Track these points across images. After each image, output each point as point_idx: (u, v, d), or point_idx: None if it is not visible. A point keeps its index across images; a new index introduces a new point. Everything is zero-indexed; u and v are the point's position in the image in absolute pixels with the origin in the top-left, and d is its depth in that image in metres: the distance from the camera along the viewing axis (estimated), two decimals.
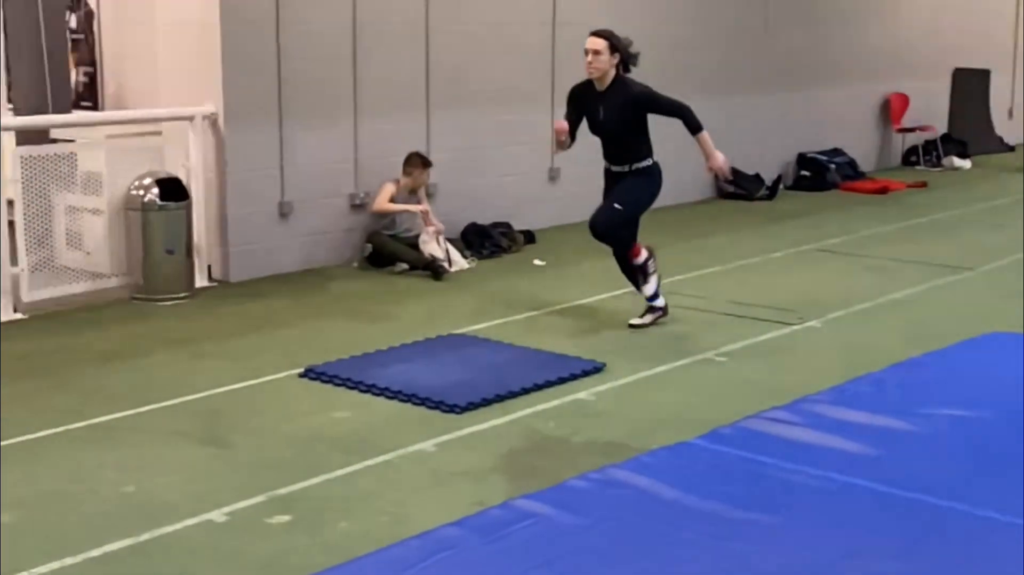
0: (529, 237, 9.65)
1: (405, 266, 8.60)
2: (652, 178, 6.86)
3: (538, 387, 5.94)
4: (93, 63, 9.13)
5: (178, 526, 4.32)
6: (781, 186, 12.55)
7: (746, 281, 8.49)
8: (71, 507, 4.51)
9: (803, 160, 13.07)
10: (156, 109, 8.39)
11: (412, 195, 8.93)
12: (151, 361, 6.45)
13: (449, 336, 6.86)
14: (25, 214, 7.41)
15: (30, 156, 7.52)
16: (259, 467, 4.93)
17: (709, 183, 12.09)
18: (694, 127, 6.71)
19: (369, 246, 8.73)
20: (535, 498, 4.30)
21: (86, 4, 9.10)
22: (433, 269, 8.42)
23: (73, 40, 9.06)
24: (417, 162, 8.85)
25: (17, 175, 7.34)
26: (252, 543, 4.21)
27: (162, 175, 7.87)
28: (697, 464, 4.72)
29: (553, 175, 10.44)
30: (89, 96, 9.14)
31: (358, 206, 8.93)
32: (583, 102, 6.78)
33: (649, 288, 7.07)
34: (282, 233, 8.60)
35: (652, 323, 7.09)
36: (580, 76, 10.42)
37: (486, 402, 5.70)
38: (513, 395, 5.82)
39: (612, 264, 8.93)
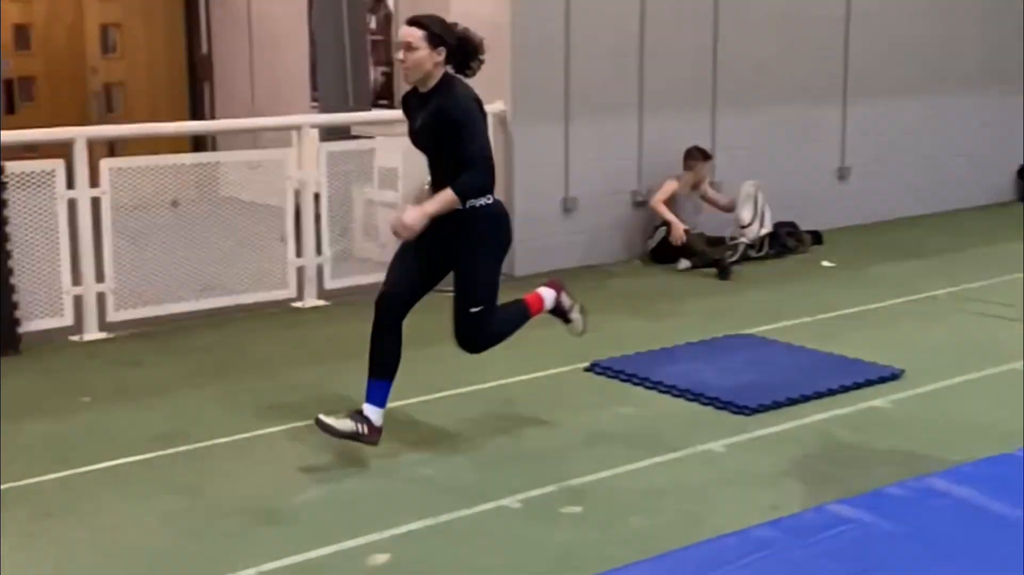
0: (816, 237, 9.37)
1: (687, 264, 8.52)
2: (494, 229, 4.94)
3: (831, 392, 5.74)
4: (390, 63, 9.50)
5: (475, 510, 4.42)
6: None
7: None
8: (373, 485, 4.70)
9: None
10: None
11: (695, 190, 8.87)
12: (442, 350, 6.56)
13: (736, 336, 6.74)
14: (329, 207, 7.79)
15: (333, 152, 7.90)
16: (549, 457, 4.98)
17: (1010, 184, 11.38)
18: (461, 186, 4.70)
19: (663, 229, 8.64)
20: (851, 503, 4.16)
21: (385, 6, 9.49)
22: (720, 268, 8.30)
23: (372, 41, 9.48)
24: (698, 155, 8.78)
25: (322, 170, 7.73)
26: (546, 532, 4.25)
27: None
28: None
29: (843, 174, 10.09)
30: (386, 94, 9.53)
31: (640, 203, 8.91)
32: (412, 110, 4.95)
33: (577, 324, 5.53)
34: (565, 229, 8.69)
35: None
36: (873, 72, 10.13)
37: (777, 405, 5.56)
38: (805, 399, 5.65)
39: (908, 268, 8.60)
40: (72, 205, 6.75)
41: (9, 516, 4.40)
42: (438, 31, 4.80)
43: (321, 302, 7.64)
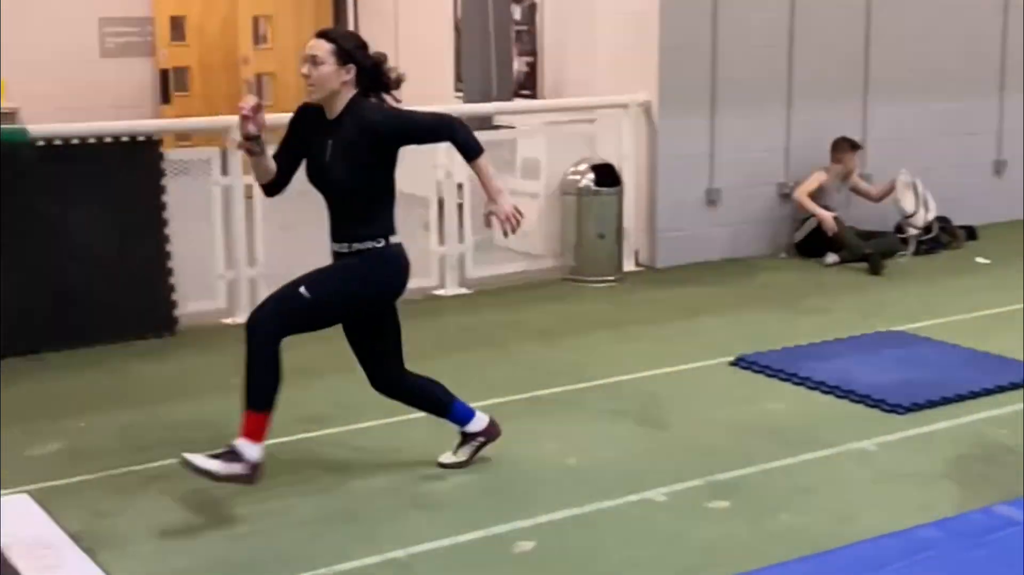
0: (970, 233, 9.07)
1: (835, 258, 8.33)
2: (374, 266, 4.44)
3: (987, 392, 5.55)
4: (534, 53, 9.53)
5: (619, 501, 4.40)
6: None
7: None
8: (518, 474, 4.70)
9: None
10: (592, 97, 8.62)
11: (844, 182, 8.68)
12: (585, 340, 6.64)
13: (887, 333, 6.57)
14: (471, 196, 7.83)
15: None
16: (695, 451, 4.92)
17: None
18: (469, 150, 4.35)
19: (811, 222, 8.44)
20: (1018, 506, 4.02)
21: None
22: (871, 262, 8.08)
23: (516, 31, 9.51)
24: (845, 147, 8.59)
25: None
26: (692, 526, 4.21)
27: (596, 161, 8.08)
28: None
29: (999, 168, 9.74)
30: (529, 84, 9.55)
31: (787, 195, 8.75)
32: (308, 133, 4.43)
33: (214, 465, 4.23)
34: (709, 220, 8.58)
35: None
36: None
37: (931, 404, 5.40)
38: (960, 398, 5.47)
39: None
40: (226, 192, 6.93)
41: (165, 490, 4.55)
42: (349, 47, 4.32)
43: (463, 290, 7.70)
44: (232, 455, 4.22)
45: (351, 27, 11.90)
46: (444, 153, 7.67)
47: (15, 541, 4.03)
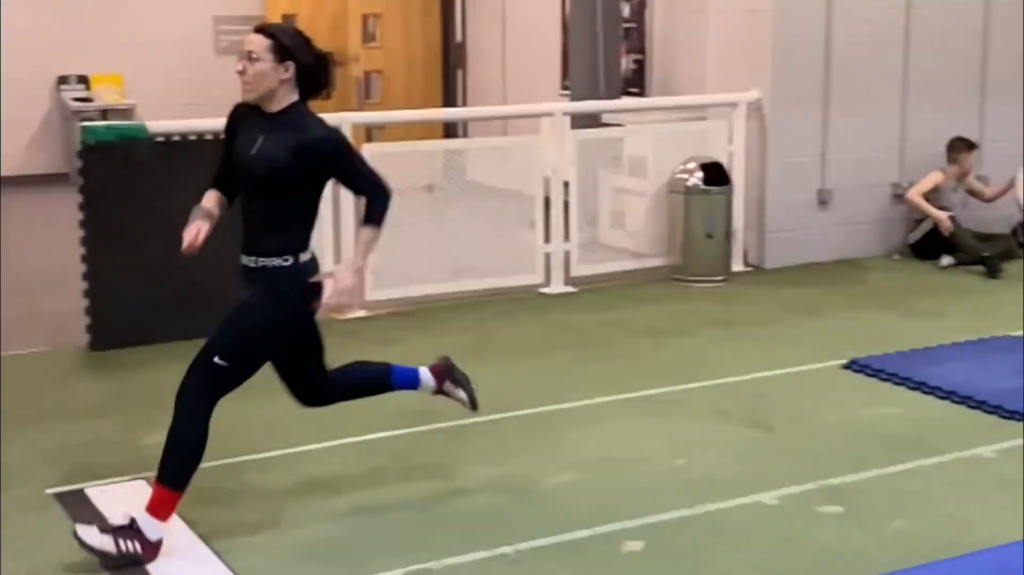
0: None
1: (951, 260, 8.13)
2: (278, 295, 4.08)
3: None
4: (642, 50, 9.47)
5: (729, 503, 4.34)
6: None
7: None
8: (625, 473, 4.67)
9: None
10: (702, 95, 8.54)
11: (960, 183, 8.46)
12: (692, 340, 6.58)
13: (1004, 338, 6.38)
14: (578, 194, 7.82)
15: (583, 139, 7.92)
16: (807, 455, 4.84)
17: None
18: (379, 214, 4.08)
19: (927, 223, 8.24)
20: None
21: None
22: (988, 265, 7.86)
23: (625, 29, 9.45)
24: (961, 147, 8.38)
25: (573, 157, 7.76)
26: (804, 530, 4.13)
27: (705, 159, 7.99)
28: None
29: None
30: (637, 82, 9.50)
31: (900, 196, 8.55)
32: (243, 129, 4.08)
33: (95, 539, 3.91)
34: (820, 221, 8.44)
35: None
36: None
37: None
38: None
39: None
40: (336, 187, 6.97)
41: (281, 479, 4.62)
42: (288, 43, 3.95)
43: (568, 288, 7.68)
44: (131, 531, 3.90)
45: (459, 26, 11.98)
46: (551, 151, 7.67)
47: None
